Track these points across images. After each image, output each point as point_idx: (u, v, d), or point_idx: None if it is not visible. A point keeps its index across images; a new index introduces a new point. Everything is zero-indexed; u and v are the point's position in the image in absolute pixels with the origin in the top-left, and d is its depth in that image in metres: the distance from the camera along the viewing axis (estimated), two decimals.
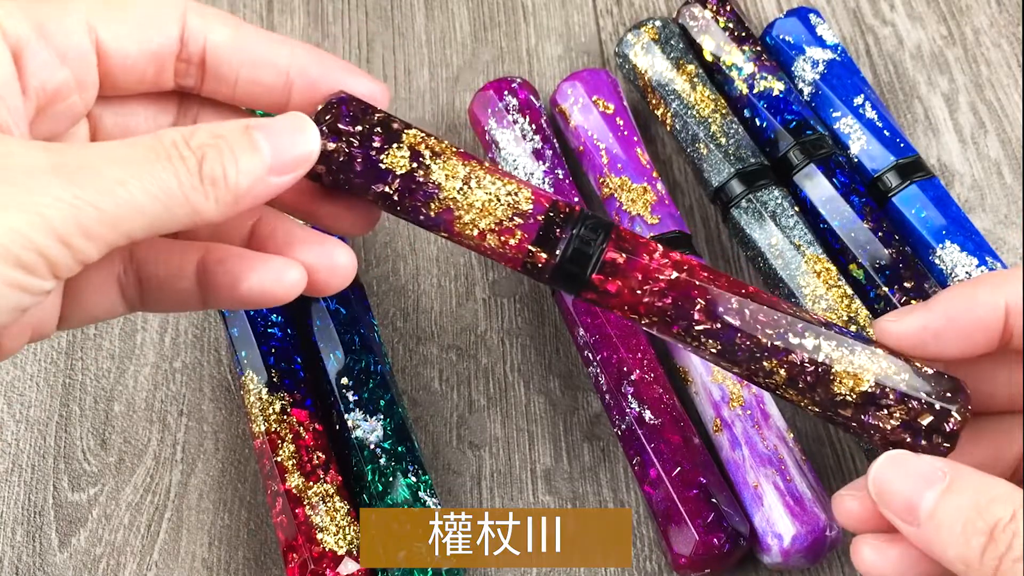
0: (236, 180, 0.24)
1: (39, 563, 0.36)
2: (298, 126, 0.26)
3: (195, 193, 0.24)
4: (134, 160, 0.23)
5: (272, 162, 0.25)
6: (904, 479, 0.24)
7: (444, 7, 0.48)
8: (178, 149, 0.24)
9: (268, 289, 0.27)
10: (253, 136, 0.25)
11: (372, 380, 0.36)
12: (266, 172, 0.25)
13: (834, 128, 0.40)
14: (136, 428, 0.38)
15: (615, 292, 0.26)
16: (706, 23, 0.42)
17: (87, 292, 0.28)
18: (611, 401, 0.36)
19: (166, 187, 0.23)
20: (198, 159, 0.24)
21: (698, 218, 0.42)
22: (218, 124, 0.25)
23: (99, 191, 0.22)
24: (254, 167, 0.24)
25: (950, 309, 0.26)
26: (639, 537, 0.35)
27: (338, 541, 0.32)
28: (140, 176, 0.23)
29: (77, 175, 0.22)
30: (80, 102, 0.27)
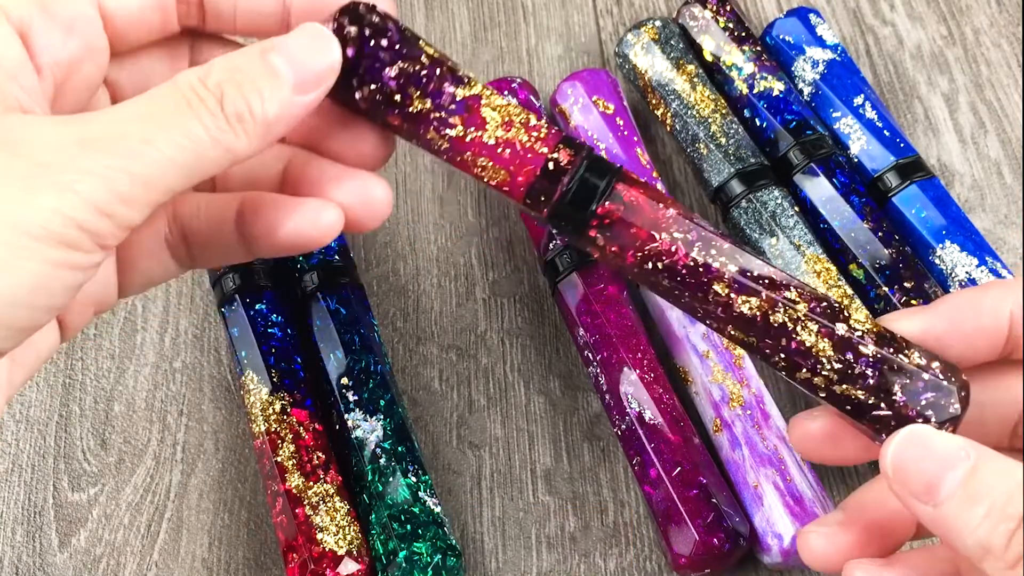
0: (263, 110, 0.24)
1: (39, 563, 0.36)
2: (315, 36, 0.25)
3: (224, 134, 0.23)
4: (155, 114, 0.23)
5: (296, 81, 0.24)
6: (926, 458, 0.22)
7: (444, 7, 0.48)
8: (196, 92, 0.23)
9: (305, 232, 0.27)
10: (270, 60, 0.24)
11: (372, 380, 0.36)
12: (291, 93, 0.24)
13: (834, 128, 0.40)
14: (136, 428, 0.38)
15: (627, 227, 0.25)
16: (706, 23, 0.42)
17: (139, 258, 0.28)
18: (611, 401, 0.36)
19: (193, 135, 0.23)
20: (218, 98, 0.23)
21: None
22: (233, 55, 0.24)
23: (127, 155, 0.22)
24: (278, 92, 0.24)
25: (954, 313, 0.25)
26: (639, 537, 0.35)
27: (338, 541, 0.32)
28: (165, 130, 0.22)
29: (103, 143, 0.22)
30: (95, 69, 0.26)
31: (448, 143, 0.25)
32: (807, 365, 0.25)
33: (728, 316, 0.25)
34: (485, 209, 0.43)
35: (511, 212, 0.42)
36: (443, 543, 0.32)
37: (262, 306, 0.37)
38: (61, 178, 0.21)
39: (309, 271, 0.38)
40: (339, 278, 0.38)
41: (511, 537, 0.36)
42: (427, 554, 0.32)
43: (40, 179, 0.21)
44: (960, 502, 0.22)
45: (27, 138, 0.22)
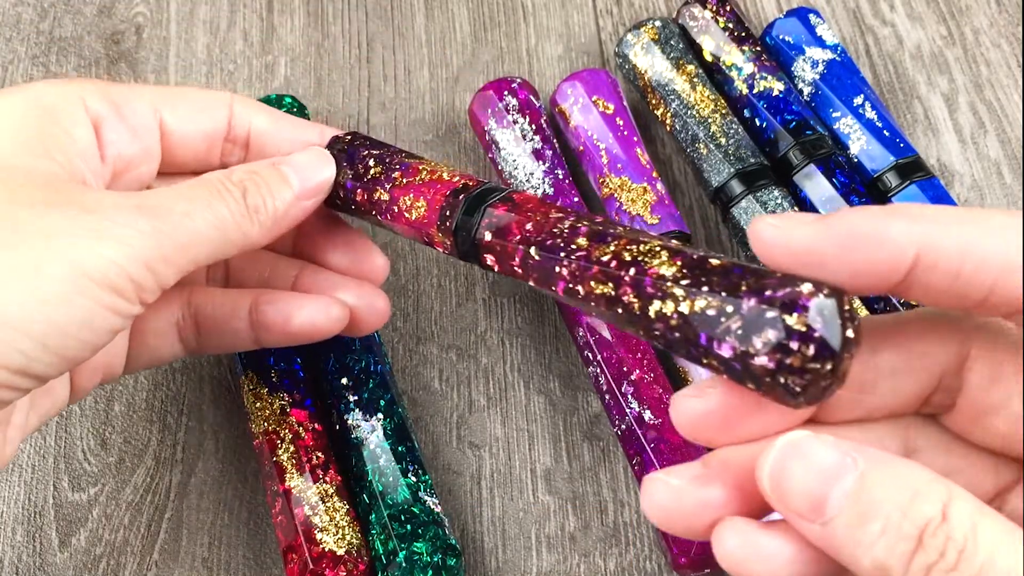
0: (274, 206, 0.30)
1: (39, 563, 0.36)
2: (317, 157, 0.32)
3: (244, 221, 0.29)
4: (194, 197, 0.28)
5: (300, 188, 0.31)
6: (807, 471, 0.19)
7: (444, 7, 0.48)
8: (224, 185, 0.29)
9: (317, 322, 0.32)
10: (282, 169, 0.31)
11: (372, 380, 0.36)
12: (296, 197, 0.31)
13: (834, 128, 0.40)
14: (136, 428, 0.38)
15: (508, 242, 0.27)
16: (706, 23, 0.42)
17: (151, 337, 0.32)
18: (611, 401, 0.36)
19: (221, 216, 0.28)
20: (241, 192, 0.29)
21: (698, 218, 0.42)
22: (250, 164, 0.31)
23: (173, 224, 0.27)
24: (286, 194, 0.30)
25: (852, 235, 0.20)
26: (639, 537, 0.35)
27: (338, 541, 0.32)
28: (202, 209, 0.28)
29: (154, 211, 0.26)
30: (147, 172, 0.32)
31: (388, 194, 0.31)
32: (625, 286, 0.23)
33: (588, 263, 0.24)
34: None
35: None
36: (443, 543, 0.32)
37: None
38: (121, 232, 0.25)
39: None
40: None
41: (511, 537, 0.36)
42: (427, 554, 0.32)
43: (104, 230, 0.25)
44: (850, 519, 0.19)
45: (96, 199, 0.26)
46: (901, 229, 0.20)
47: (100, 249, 0.25)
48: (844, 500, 0.19)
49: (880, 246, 0.20)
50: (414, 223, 0.31)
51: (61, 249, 0.24)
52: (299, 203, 0.31)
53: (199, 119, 0.32)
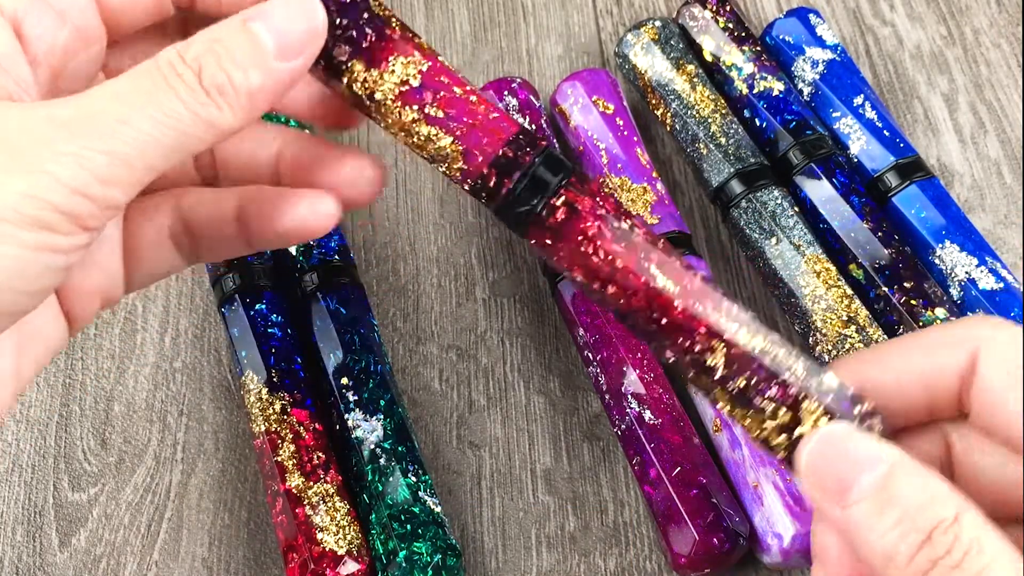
0: (244, 80, 0.23)
1: (39, 563, 0.36)
2: (298, 2, 0.24)
3: (205, 107, 0.23)
4: (131, 92, 0.22)
5: (277, 47, 0.23)
6: (842, 458, 0.22)
7: (444, 7, 0.48)
8: (174, 68, 0.23)
9: (306, 223, 0.27)
10: (250, 28, 0.23)
11: (372, 380, 0.36)
12: (274, 61, 0.23)
13: (834, 128, 0.40)
14: (136, 428, 0.38)
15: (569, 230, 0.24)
16: (706, 23, 0.42)
17: (145, 251, 0.28)
18: (611, 401, 0.36)
19: (171, 111, 0.22)
20: (196, 72, 0.23)
21: (698, 218, 0.42)
22: (214, 26, 0.23)
23: (102, 135, 0.22)
24: (260, 61, 0.23)
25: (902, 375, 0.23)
26: (639, 537, 0.35)
27: (338, 541, 0.32)
28: (141, 107, 0.22)
29: (76, 124, 0.22)
30: (91, 57, 0.26)
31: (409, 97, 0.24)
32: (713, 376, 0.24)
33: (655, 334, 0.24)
34: (485, 209, 0.43)
35: None
36: (443, 543, 0.32)
37: (262, 306, 0.37)
38: (33, 161, 0.21)
39: (309, 271, 0.38)
40: (339, 278, 0.38)
41: (511, 537, 0.36)
42: (427, 554, 0.32)
43: (10, 163, 0.21)
44: (871, 505, 0.21)
45: (5, 125, 0.22)
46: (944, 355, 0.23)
47: (9, 183, 0.21)
48: (869, 488, 0.21)
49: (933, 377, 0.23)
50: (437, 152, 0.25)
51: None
52: (278, 68, 0.23)
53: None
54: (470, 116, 0.24)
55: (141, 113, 0.22)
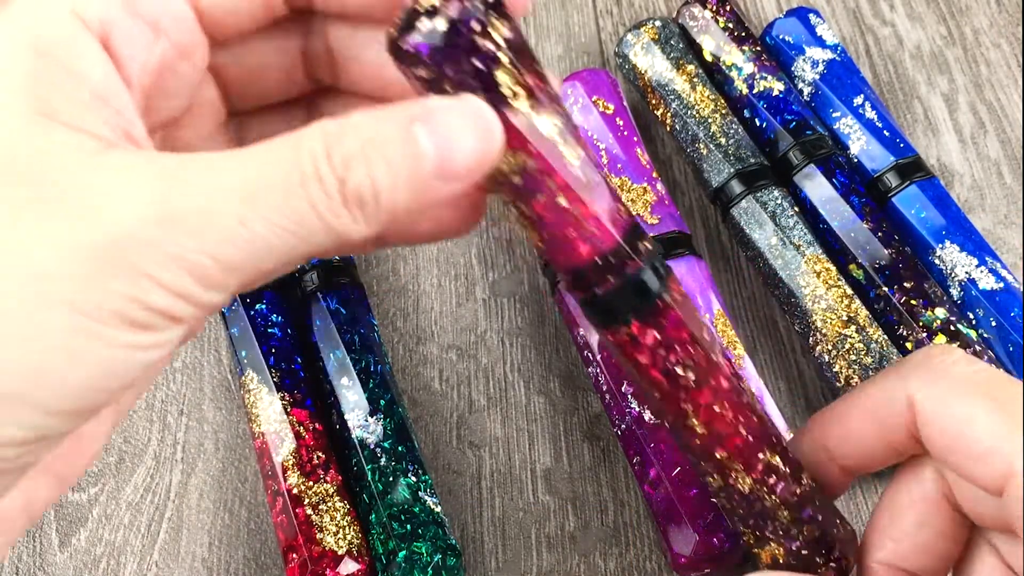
0: (392, 197, 0.19)
1: (39, 563, 0.36)
2: (475, 115, 0.20)
3: (338, 220, 0.19)
4: (259, 188, 0.19)
5: (439, 166, 0.20)
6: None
7: None
8: (317, 167, 0.19)
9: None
10: (416, 136, 0.19)
11: (372, 380, 0.36)
12: (431, 179, 0.20)
13: (834, 128, 0.40)
14: (136, 428, 0.38)
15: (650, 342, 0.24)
16: (706, 23, 0.42)
17: None
18: (611, 401, 0.36)
19: (300, 219, 0.19)
20: (340, 177, 0.19)
21: (698, 218, 0.42)
22: (372, 119, 0.19)
23: (216, 239, 0.19)
24: (414, 178, 0.19)
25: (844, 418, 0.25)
26: (639, 537, 0.35)
27: (338, 541, 0.32)
28: (265, 210, 0.19)
29: (189, 223, 0.18)
30: (191, 67, 0.22)
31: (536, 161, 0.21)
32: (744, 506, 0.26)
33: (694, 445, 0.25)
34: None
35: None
36: (443, 543, 0.32)
37: (262, 306, 0.37)
38: (136, 261, 0.18)
39: (309, 271, 0.38)
40: (339, 278, 0.38)
41: (511, 537, 0.36)
42: (427, 554, 0.32)
43: (112, 261, 0.18)
44: None
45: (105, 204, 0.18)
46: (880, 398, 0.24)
47: (111, 284, 0.18)
48: None
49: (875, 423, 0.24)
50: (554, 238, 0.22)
51: (62, 293, 0.18)
52: (432, 187, 0.20)
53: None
54: (560, 227, 0.22)
55: (267, 219, 0.19)
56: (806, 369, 0.38)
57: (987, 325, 0.35)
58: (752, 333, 0.39)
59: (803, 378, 0.38)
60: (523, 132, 0.20)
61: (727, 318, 0.36)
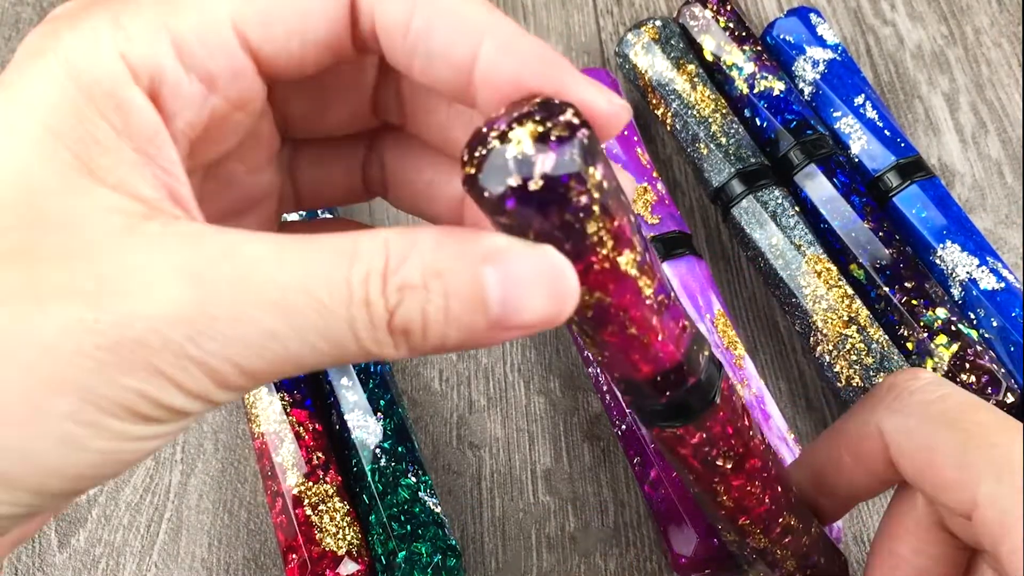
0: (439, 333, 0.17)
1: (38, 563, 0.36)
2: (553, 275, 0.17)
3: (376, 346, 0.17)
4: (299, 303, 0.17)
5: (499, 315, 0.17)
6: None
7: None
8: (368, 292, 0.17)
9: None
10: (483, 281, 0.17)
11: (372, 380, 0.36)
12: (487, 328, 0.17)
13: (835, 128, 0.40)
14: None
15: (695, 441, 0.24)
16: (706, 23, 0.42)
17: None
18: (611, 401, 0.35)
19: (336, 340, 0.17)
20: (389, 309, 0.17)
21: (698, 218, 0.42)
22: (440, 246, 0.17)
23: (242, 346, 0.17)
24: (472, 322, 0.17)
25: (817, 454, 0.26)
26: (639, 537, 0.35)
27: (338, 541, 0.32)
28: (302, 328, 0.17)
29: (217, 328, 0.17)
30: (245, 116, 0.20)
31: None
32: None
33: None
34: None
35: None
36: (443, 543, 0.32)
37: None
38: (155, 361, 0.17)
39: None
40: None
41: (511, 537, 0.36)
42: (427, 554, 0.32)
43: (129, 356, 0.17)
44: None
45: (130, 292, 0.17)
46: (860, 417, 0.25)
47: (121, 380, 0.17)
48: None
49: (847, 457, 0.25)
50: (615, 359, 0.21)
51: (66, 373, 0.16)
52: (487, 335, 0.18)
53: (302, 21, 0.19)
54: (625, 351, 0.21)
55: (299, 338, 0.17)
56: (807, 369, 0.38)
57: (988, 325, 0.35)
58: (752, 333, 0.39)
59: (804, 378, 0.38)
60: (603, 276, 0.19)
61: (727, 318, 0.36)
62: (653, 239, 0.37)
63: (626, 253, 0.18)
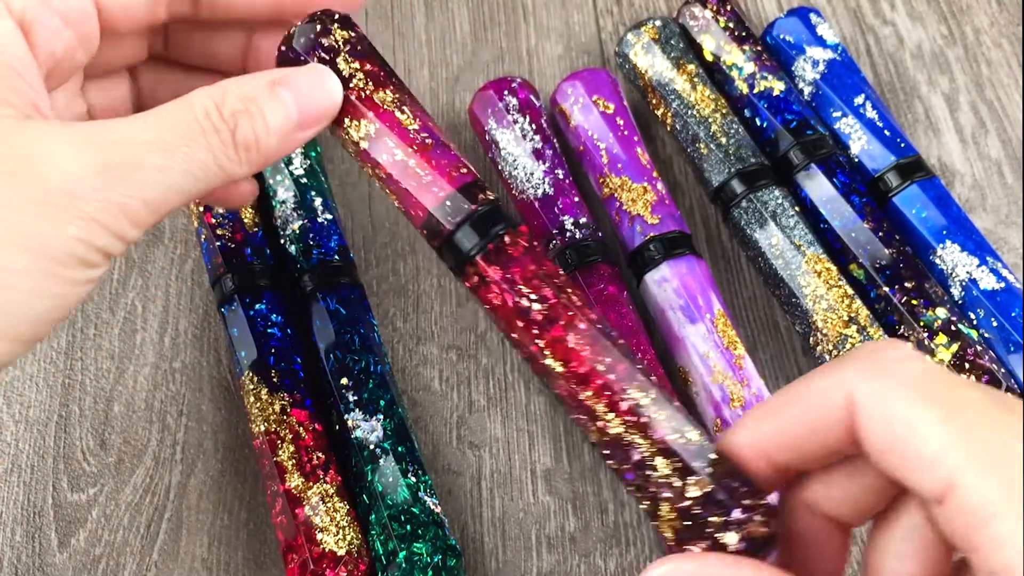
0: (268, 142, 0.26)
1: (39, 563, 0.36)
2: (323, 79, 0.27)
3: (230, 163, 0.25)
4: (171, 143, 0.24)
5: (300, 119, 0.26)
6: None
7: (444, 7, 0.48)
8: (212, 121, 0.25)
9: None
10: (280, 94, 0.26)
11: (372, 380, 0.36)
12: (294, 129, 0.26)
13: (834, 128, 0.40)
14: (136, 428, 0.38)
15: (494, 280, 0.27)
16: (706, 23, 0.42)
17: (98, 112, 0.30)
18: None
19: (203, 163, 0.24)
20: (231, 129, 0.25)
21: (698, 218, 0.42)
22: (243, 83, 0.26)
23: (143, 184, 0.24)
24: (284, 126, 0.26)
25: (783, 413, 0.23)
26: (639, 537, 0.35)
27: (338, 541, 0.32)
28: (178, 160, 0.24)
29: (122, 172, 0.23)
30: (84, 56, 0.27)
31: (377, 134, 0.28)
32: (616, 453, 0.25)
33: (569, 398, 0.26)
34: None
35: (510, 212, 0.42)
36: (443, 543, 0.32)
37: (262, 306, 0.37)
38: (85, 208, 0.23)
39: (309, 271, 0.38)
40: (339, 278, 0.38)
41: (511, 537, 0.36)
42: (427, 554, 0.32)
43: (66, 208, 0.23)
44: None
45: (50, 161, 0.23)
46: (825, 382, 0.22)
47: (65, 229, 0.23)
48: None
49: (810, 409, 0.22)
50: (403, 193, 0.28)
51: (24, 239, 0.22)
52: (295, 135, 0.26)
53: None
54: (405, 180, 0.28)
55: (178, 165, 0.24)
56: (807, 369, 0.38)
57: (988, 325, 0.35)
58: (753, 333, 0.39)
59: None
60: (361, 103, 0.28)
61: (727, 318, 0.36)
62: (653, 239, 0.37)
63: (382, 92, 0.28)
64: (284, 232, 0.39)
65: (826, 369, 0.22)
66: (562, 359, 0.26)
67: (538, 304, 0.26)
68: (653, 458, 0.24)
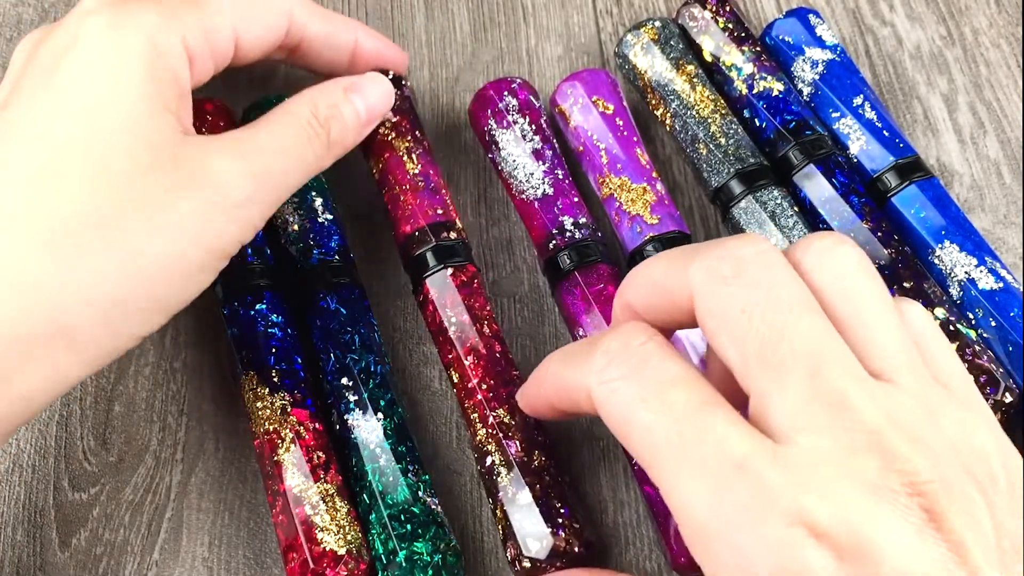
0: (348, 138, 0.33)
1: (39, 563, 0.36)
2: (383, 87, 0.35)
3: (324, 159, 0.32)
4: (288, 149, 0.31)
5: (367, 119, 0.34)
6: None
7: (444, 7, 0.48)
8: (313, 128, 0.32)
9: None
10: (353, 99, 0.34)
11: (372, 380, 0.36)
12: (364, 125, 0.34)
13: (833, 128, 0.40)
14: (137, 427, 0.38)
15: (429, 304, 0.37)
16: (706, 23, 0.42)
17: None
18: None
19: (308, 163, 0.32)
20: (328, 131, 0.32)
21: (698, 218, 0.42)
22: (326, 90, 0.33)
23: (276, 188, 0.30)
24: (357, 124, 0.34)
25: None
26: (639, 537, 0.35)
27: (338, 541, 0.32)
28: (295, 161, 0.31)
29: (266, 179, 0.30)
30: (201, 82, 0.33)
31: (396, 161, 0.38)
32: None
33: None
34: (484, 209, 0.43)
35: (511, 212, 0.42)
36: (443, 543, 0.32)
37: (262, 306, 0.37)
38: (245, 212, 0.30)
39: (309, 271, 0.38)
40: (339, 278, 0.38)
41: None
42: (427, 554, 0.32)
43: (237, 214, 0.29)
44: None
45: (223, 174, 0.29)
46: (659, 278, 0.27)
47: (230, 230, 0.29)
48: None
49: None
50: (392, 213, 0.38)
51: (207, 241, 0.29)
52: (364, 130, 0.34)
53: (267, 32, 0.34)
54: (394, 208, 0.38)
55: (296, 167, 0.31)
56: None
57: (987, 325, 0.35)
58: None
59: None
60: (384, 144, 0.38)
61: None
62: (653, 239, 0.37)
63: (398, 141, 0.38)
64: (284, 232, 0.39)
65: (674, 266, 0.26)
66: (459, 373, 0.35)
67: (455, 328, 0.35)
68: (499, 467, 0.33)
